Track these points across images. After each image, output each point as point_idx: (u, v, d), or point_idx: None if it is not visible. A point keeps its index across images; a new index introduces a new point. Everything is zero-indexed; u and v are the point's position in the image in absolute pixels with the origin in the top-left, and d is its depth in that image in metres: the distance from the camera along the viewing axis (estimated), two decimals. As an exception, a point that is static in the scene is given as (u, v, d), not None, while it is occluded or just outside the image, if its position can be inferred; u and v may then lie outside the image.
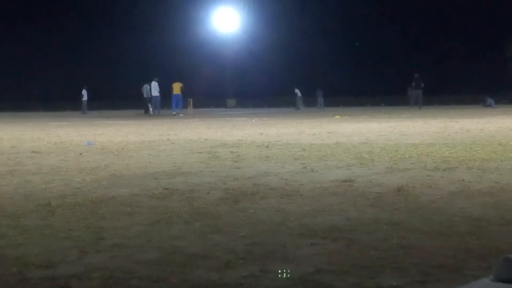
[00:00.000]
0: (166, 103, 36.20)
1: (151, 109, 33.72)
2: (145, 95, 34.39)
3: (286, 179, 6.37)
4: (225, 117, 28.01)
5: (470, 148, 9.24)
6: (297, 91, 43.80)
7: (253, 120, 22.71)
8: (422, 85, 35.17)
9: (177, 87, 33.29)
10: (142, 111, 34.23)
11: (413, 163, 7.54)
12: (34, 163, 8.44)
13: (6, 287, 3.00)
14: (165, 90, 33.88)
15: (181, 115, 31.34)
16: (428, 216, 4.42)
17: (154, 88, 33.49)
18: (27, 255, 3.54)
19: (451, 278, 2.98)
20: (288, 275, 3.07)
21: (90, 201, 5.27)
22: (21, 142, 12.38)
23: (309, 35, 64.91)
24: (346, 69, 61.71)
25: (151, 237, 3.93)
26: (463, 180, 6.10)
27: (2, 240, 3.92)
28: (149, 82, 34.10)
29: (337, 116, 24.50)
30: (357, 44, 62.85)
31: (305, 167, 7.37)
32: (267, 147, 10.26)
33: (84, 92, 38.76)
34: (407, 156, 8.35)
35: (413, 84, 35.39)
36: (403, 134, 12.92)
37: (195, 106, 37.95)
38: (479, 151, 8.77)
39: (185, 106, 35.48)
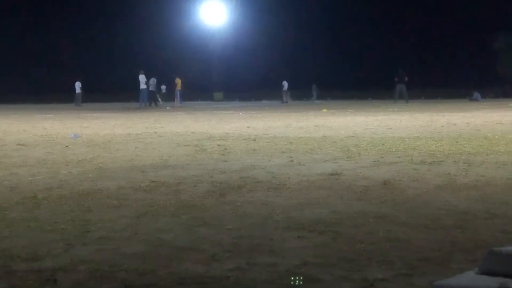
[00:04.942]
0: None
1: (160, 100, 36.81)
2: (151, 88, 35.98)
3: (273, 172, 6.38)
4: (212, 110, 27.96)
5: (456, 142, 9.28)
6: (284, 83, 43.37)
7: (240, 113, 22.69)
8: (406, 79, 35.25)
9: (180, 83, 36.81)
10: (138, 105, 34.25)
11: (399, 157, 7.57)
12: (20, 155, 8.39)
13: (-8, 280, 2.99)
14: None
15: (167, 108, 31.30)
16: (414, 210, 4.44)
17: (141, 81, 33.51)
18: (12, 248, 3.52)
19: (437, 271, 3.00)
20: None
21: (76, 193, 5.25)
22: (7, 135, 12.31)
23: (296, 28, 64.91)
24: (333, 62, 61.77)
25: (138, 230, 3.92)
26: (449, 173, 6.13)
27: (-12, 233, 3.90)
28: (154, 76, 36.34)
29: (324, 110, 24.52)
30: None
31: (292, 161, 7.38)
32: (254, 140, 10.25)
33: (77, 84, 38.67)
34: (393, 150, 8.37)
35: (396, 79, 35.47)
36: (390, 128, 12.95)
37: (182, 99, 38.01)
38: (465, 145, 8.81)
39: (172, 99, 36.18)
